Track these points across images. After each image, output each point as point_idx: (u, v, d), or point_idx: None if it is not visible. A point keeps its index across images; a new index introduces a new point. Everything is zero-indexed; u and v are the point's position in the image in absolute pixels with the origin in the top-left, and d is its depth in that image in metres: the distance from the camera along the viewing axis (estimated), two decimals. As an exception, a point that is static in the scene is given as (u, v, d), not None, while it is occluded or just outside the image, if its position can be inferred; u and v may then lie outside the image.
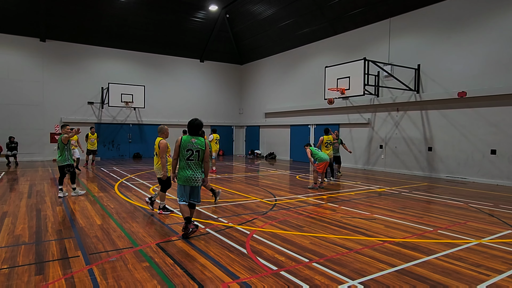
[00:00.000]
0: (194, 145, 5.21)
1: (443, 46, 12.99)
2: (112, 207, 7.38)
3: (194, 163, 5.24)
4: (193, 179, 5.22)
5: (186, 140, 5.22)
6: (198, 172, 5.27)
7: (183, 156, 5.24)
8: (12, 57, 17.90)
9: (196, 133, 5.32)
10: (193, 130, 5.33)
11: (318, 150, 10.31)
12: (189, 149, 5.20)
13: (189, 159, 5.22)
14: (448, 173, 12.82)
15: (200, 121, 5.39)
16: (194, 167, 5.24)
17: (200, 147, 5.23)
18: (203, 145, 5.27)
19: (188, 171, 5.21)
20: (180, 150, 5.24)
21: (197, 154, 5.23)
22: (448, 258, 4.50)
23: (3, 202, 7.79)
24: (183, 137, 5.26)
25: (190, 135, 5.30)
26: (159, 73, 22.19)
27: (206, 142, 5.35)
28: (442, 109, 13.01)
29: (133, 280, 3.74)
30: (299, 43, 19.75)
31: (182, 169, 5.24)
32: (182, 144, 5.22)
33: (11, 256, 4.44)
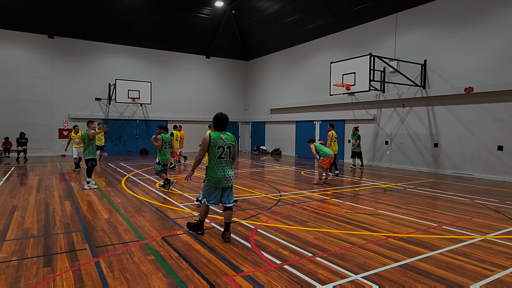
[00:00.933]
0: (225, 141, 4.83)
1: (450, 41, 12.86)
2: (119, 202, 7.48)
3: (225, 161, 4.86)
4: (226, 179, 4.85)
5: (215, 136, 4.82)
6: (230, 171, 4.90)
7: (214, 154, 4.81)
8: (21, 53, 18.11)
9: (224, 128, 4.96)
10: (221, 125, 4.93)
11: (322, 146, 10.31)
12: (220, 146, 4.80)
13: (221, 157, 4.82)
14: (454, 169, 12.74)
15: (226, 115, 5.03)
16: (226, 165, 4.86)
17: (230, 142, 4.89)
18: (233, 140, 4.94)
19: (219, 171, 4.81)
20: (210, 149, 4.81)
21: (228, 151, 4.87)
22: (452, 253, 4.51)
23: (12, 196, 7.94)
24: (211, 134, 4.84)
25: (218, 131, 4.92)
26: (165, 69, 22.28)
27: (234, 138, 5.04)
28: (448, 105, 12.91)
29: (139, 272, 3.80)
30: (304, 39, 19.68)
31: (213, 169, 4.82)
32: (212, 141, 4.78)
33: (20, 249, 4.54)
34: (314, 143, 10.28)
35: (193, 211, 6.64)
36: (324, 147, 10.35)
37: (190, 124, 23.18)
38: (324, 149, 10.19)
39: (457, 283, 3.63)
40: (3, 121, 17.61)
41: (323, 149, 10.16)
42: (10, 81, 17.84)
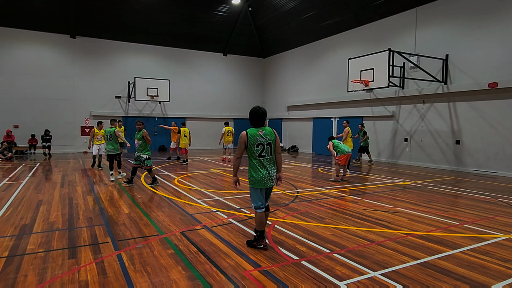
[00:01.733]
0: (264, 138, 4.40)
1: (473, 35, 12.48)
2: (139, 197, 7.65)
3: (267, 159, 4.42)
4: (269, 178, 4.41)
5: (253, 133, 4.38)
6: (273, 169, 4.47)
7: (254, 153, 4.39)
8: (45, 53, 18.69)
9: (262, 123, 4.50)
10: (259, 121, 4.48)
11: (339, 143, 10.24)
12: (260, 143, 4.37)
13: (262, 156, 4.40)
14: (476, 167, 12.40)
15: (264, 109, 4.57)
16: (268, 164, 4.43)
17: (270, 138, 4.43)
18: (273, 135, 4.48)
19: (263, 170, 4.39)
20: (248, 147, 4.40)
21: (269, 148, 4.41)
22: (474, 252, 4.41)
23: (38, 191, 8.25)
24: (248, 131, 4.40)
25: (256, 127, 4.48)
26: (183, 67, 22.54)
27: (274, 131, 4.57)
28: (471, 101, 12.55)
29: (159, 265, 3.90)
30: (322, 35, 19.49)
31: (255, 169, 4.41)
32: (250, 139, 4.36)
33: (46, 241, 4.72)
34: (333, 141, 10.25)
35: (211, 207, 6.73)
36: (341, 144, 10.29)
37: (208, 122, 23.43)
38: (341, 146, 10.13)
39: (479, 282, 3.56)
40: (29, 119, 18.24)
41: (340, 146, 10.09)
42: (35, 80, 18.45)
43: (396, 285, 3.44)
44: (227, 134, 15.07)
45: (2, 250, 4.37)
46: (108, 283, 3.46)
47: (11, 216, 5.98)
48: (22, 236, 4.94)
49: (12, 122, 17.94)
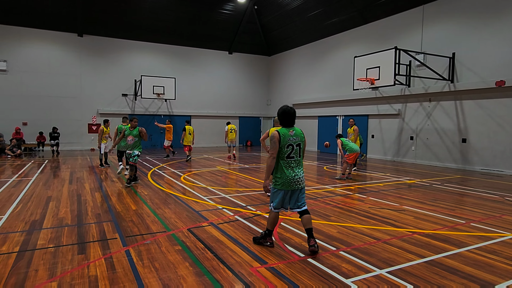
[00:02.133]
0: (294, 138, 4.29)
1: (480, 33, 12.38)
2: (146, 194, 7.73)
3: (295, 160, 4.30)
4: (297, 180, 4.27)
5: (284, 133, 4.26)
6: (300, 171, 4.33)
7: (283, 154, 4.26)
8: (53, 51, 18.86)
9: (292, 123, 4.40)
10: (290, 120, 4.38)
11: (348, 141, 10.26)
12: (290, 144, 4.25)
13: (290, 157, 4.27)
14: (483, 166, 12.32)
15: (293, 108, 4.47)
16: (295, 165, 4.30)
17: (300, 139, 4.34)
18: (302, 136, 4.40)
19: (289, 172, 4.25)
20: (280, 147, 4.24)
21: (298, 149, 4.31)
22: (481, 251, 4.41)
23: (47, 188, 8.36)
24: (280, 131, 4.27)
25: (286, 127, 4.37)
26: (189, 65, 22.61)
27: (303, 132, 4.52)
28: (478, 99, 12.46)
29: (167, 262, 3.95)
30: (327, 33, 19.43)
31: (281, 170, 4.27)
32: (282, 139, 4.22)
33: (56, 236, 4.80)
34: (341, 139, 10.24)
35: (217, 204, 6.78)
36: (350, 142, 10.28)
37: (213, 119, 23.50)
38: (350, 144, 10.12)
39: (486, 280, 3.56)
40: (37, 116, 18.44)
41: (349, 145, 10.08)
42: (43, 78, 18.63)
43: (403, 283, 3.46)
44: (230, 132, 15.47)
45: (13, 245, 4.45)
46: (117, 278, 3.51)
47: (21, 212, 6.08)
48: (32, 231, 5.02)
49: (21, 120, 18.15)
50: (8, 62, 17.83)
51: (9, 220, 5.57)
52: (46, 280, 3.47)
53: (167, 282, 3.43)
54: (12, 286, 3.34)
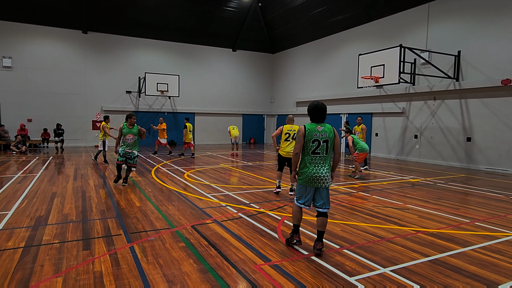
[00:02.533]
0: (321, 134, 4.19)
1: (486, 31, 12.27)
2: (150, 191, 7.76)
3: (321, 157, 4.19)
4: (318, 178, 4.16)
5: (311, 129, 4.20)
6: (325, 169, 4.20)
7: (308, 149, 4.19)
8: (57, 48, 18.93)
9: (322, 119, 4.31)
10: (319, 116, 4.29)
11: (359, 139, 10.11)
12: (316, 139, 4.17)
13: (315, 153, 4.19)
14: (488, 165, 12.25)
15: (324, 104, 4.37)
16: (320, 162, 4.20)
17: (328, 135, 4.20)
18: (331, 132, 4.23)
19: (312, 168, 4.17)
20: (305, 142, 4.20)
21: (324, 145, 4.19)
22: (486, 250, 4.39)
23: (52, 184, 8.41)
24: (306, 126, 4.23)
25: (315, 122, 4.30)
26: (192, 62, 22.62)
27: (334, 129, 4.31)
28: (483, 98, 12.37)
29: (171, 258, 3.97)
30: (332, 31, 19.35)
31: (306, 166, 4.21)
32: (308, 134, 4.18)
33: (61, 232, 4.83)
34: (352, 135, 10.03)
35: (221, 202, 6.79)
36: (361, 140, 10.12)
37: (217, 117, 23.52)
38: (361, 142, 9.94)
39: (491, 280, 3.55)
40: (42, 113, 18.53)
41: (360, 143, 9.89)
42: (48, 75, 18.71)
43: (407, 282, 3.46)
44: (232, 129, 15.74)
45: (19, 240, 4.49)
46: (121, 274, 3.54)
47: (27, 208, 6.13)
48: (37, 227, 5.06)
49: (25, 116, 18.25)
50: (13, 59, 17.91)
51: (15, 216, 5.62)
52: (51, 275, 3.50)
53: (171, 279, 3.45)
54: (18, 281, 3.37)
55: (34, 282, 3.36)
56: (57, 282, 3.35)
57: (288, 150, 7.47)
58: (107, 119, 12.74)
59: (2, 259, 3.87)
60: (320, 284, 3.38)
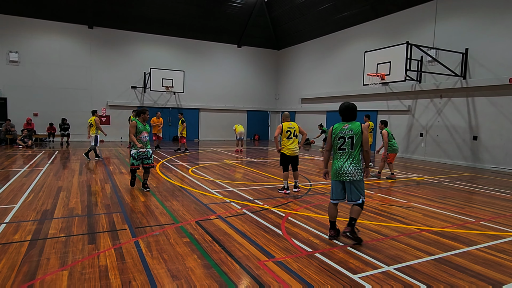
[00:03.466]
0: (347, 131, 4.50)
1: (495, 29, 12.12)
2: (154, 186, 7.79)
3: (346, 152, 4.49)
4: (342, 172, 4.45)
5: (337, 127, 4.59)
6: (351, 164, 4.44)
7: (335, 146, 4.59)
8: (63, 43, 18.99)
9: (350, 118, 4.61)
10: (347, 114, 4.62)
11: (392, 136, 9.43)
12: (341, 136, 4.52)
13: (341, 149, 4.53)
14: (494, 164, 12.15)
15: (354, 104, 4.68)
16: (346, 157, 4.49)
17: (353, 132, 4.47)
18: (357, 130, 4.47)
19: (338, 163, 4.52)
20: (333, 140, 4.60)
21: (349, 142, 4.47)
22: (491, 249, 4.37)
23: (58, 178, 8.48)
24: (334, 125, 4.65)
25: (343, 121, 4.65)
26: (198, 58, 22.60)
27: (362, 126, 4.52)
28: (490, 96, 12.24)
29: (175, 253, 3.99)
30: (338, 28, 19.22)
31: (333, 161, 4.63)
32: (334, 132, 4.58)
33: (67, 226, 4.88)
34: (387, 129, 9.30)
35: (225, 197, 6.81)
36: (393, 139, 9.39)
37: (221, 113, 23.53)
38: (394, 141, 9.25)
39: (495, 279, 3.53)
40: (48, 108, 18.65)
41: (392, 141, 9.21)
42: (54, 70, 18.80)
43: (411, 280, 3.45)
44: (238, 125, 15.85)
45: (26, 234, 4.54)
46: (126, 268, 3.57)
47: (33, 202, 6.19)
48: (43, 221, 5.11)
49: (32, 111, 18.38)
50: (19, 54, 18.01)
51: (21, 209, 5.68)
52: (57, 268, 3.54)
53: (176, 274, 3.47)
54: (25, 273, 3.41)
55: (40, 275, 3.40)
56: (63, 275, 3.38)
57: (292, 147, 7.34)
58: (96, 113, 12.36)
59: (9, 252, 3.92)
60: (324, 281, 3.38)
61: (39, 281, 3.28)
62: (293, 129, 7.37)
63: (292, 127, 7.37)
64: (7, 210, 5.63)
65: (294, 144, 7.40)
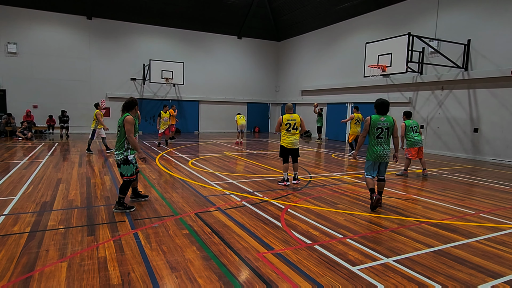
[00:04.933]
0: (383, 123, 5.62)
1: (497, 20, 11.98)
2: (154, 178, 7.78)
3: (384, 140, 5.64)
4: (383, 155, 5.63)
5: (375, 119, 5.64)
6: (387, 148, 5.69)
7: (373, 134, 5.66)
8: (62, 35, 18.84)
9: (385, 111, 5.68)
10: (383, 109, 5.66)
11: (412, 129, 8.79)
12: (379, 127, 5.62)
13: (379, 137, 5.64)
14: (494, 156, 12.12)
15: (387, 101, 5.68)
16: (384, 143, 5.64)
17: (389, 124, 5.65)
18: (391, 122, 5.68)
19: (378, 148, 5.63)
20: (371, 129, 5.67)
21: (386, 132, 5.64)
22: (490, 242, 4.37)
23: (57, 170, 8.47)
24: (372, 117, 5.67)
25: (379, 114, 5.68)
26: (198, 50, 22.44)
27: (394, 120, 5.72)
28: (492, 88, 12.16)
29: (174, 245, 3.99)
30: (339, 19, 19.03)
31: (373, 147, 5.68)
32: (372, 123, 5.64)
33: (66, 218, 4.88)
34: (406, 121, 8.76)
35: (224, 190, 6.80)
36: (412, 132, 8.72)
37: (221, 105, 23.45)
38: (411, 133, 8.67)
39: (494, 271, 3.53)
40: (47, 100, 18.58)
41: (410, 134, 8.65)
42: (53, 61, 18.68)
43: (410, 272, 3.45)
44: (240, 117, 15.62)
45: (25, 225, 4.54)
46: (125, 260, 3.57)
47: (32, 194, 6.19)
48: (43, 212, 5.11)
49: (31, 103, 18.32)
50: (18, 45, 17.88)
51: (21, 201, 5.68)
52: (56, 260, 3.54)
53: (175, 265, 3.47)
54: (24, 265, 3.41)
55: (39, 266, 3.40)
56: (62, 267, 3.38)
57: (289, 140, 7.29)
58: (99, 106, 11.86)
59: (8, 244, 3.92)
60: (323, 273, 3.38)
61: (38, 272, 3.28)
62: (293, 121, 7.29)
63: (293, 120, 7.29)
64: (7, 202, 5.63)
65: (294, 137, 7.34)
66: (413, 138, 8.74)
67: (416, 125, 8.85)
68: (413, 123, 8.81)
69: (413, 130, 8.78)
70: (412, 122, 8.83)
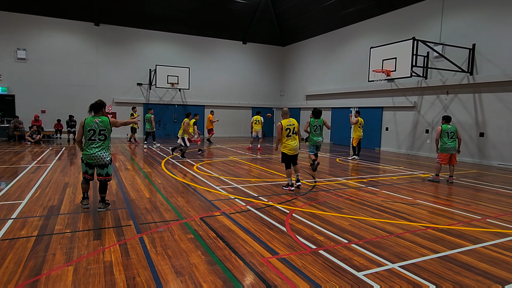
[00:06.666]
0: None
1: (503, 24, 11.94)
2: (159, 182, 7.83)
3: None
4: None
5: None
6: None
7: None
8: (70, 41, 19.11)
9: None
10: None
11: (447, 134, 8.55)
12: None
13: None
14: (501, 161, 12.02)
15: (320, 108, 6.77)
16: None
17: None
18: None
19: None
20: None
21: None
22: (497, 247, 4.33)
23: (64, 174, 8.55)
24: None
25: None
26: (203, 55, 22.60)
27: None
28: (498, 92, 12.09)
29: (179, 249, 4.01)
30: (343, 24, 19.08)
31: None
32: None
33: (72, 222, 4.92)
34: (443, 125, 8.58)
35: (229, 194, 6.82)
36: (447, 137, 8.50)
37: (226, 110, 23.53)
38: (445, 139, 8.49)
39: (502, 278, 3.50)
40: (55, 105, 18.79)
41: (444, 139, 8.49)
42: (61, 67, 18.92)
43: (416, 278, 3.43)
44: (255, 123, 15.20)
45: (32, 229, 4.59)
46: (131, 264, 3.59)
47: (40, 197, 6.26)
48: (50, 216, 5.16)
49: (39, 107, 18.54)
50: (27, 51, 18.14)
51: (28, 205, 5.74)
52: (63, 264, 3.57)
53: (180, 270, 3.49)
54: (31, 269, 3.45)
55: (46, 270, 3.43)
56: (68, 271, 3.42)
57: (291, 146, 7.19)
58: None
59: (15, 247, 3.97)
60: (328, 279, 3.38)
61: (44, 276, 3.31)
62: (292, 126, 7.24)
63: (292, 124, 7.25)
64: (15, 206, 5.70)
65: (294, 142, 7.28)
66: (445, 144, 8.55)
67: (454, 131, 8.58)
68: (450, 129, 8.58)
69: (448, 135, 8.55)
70: (449, 128, 8.59)
